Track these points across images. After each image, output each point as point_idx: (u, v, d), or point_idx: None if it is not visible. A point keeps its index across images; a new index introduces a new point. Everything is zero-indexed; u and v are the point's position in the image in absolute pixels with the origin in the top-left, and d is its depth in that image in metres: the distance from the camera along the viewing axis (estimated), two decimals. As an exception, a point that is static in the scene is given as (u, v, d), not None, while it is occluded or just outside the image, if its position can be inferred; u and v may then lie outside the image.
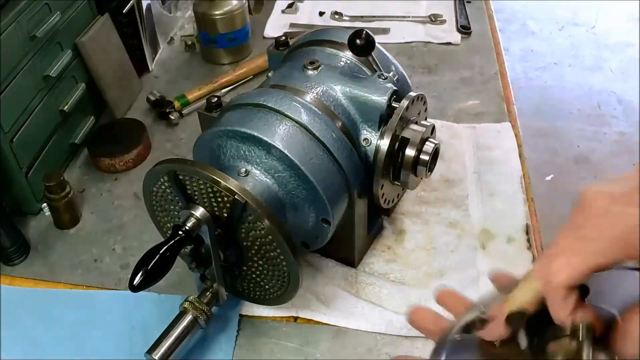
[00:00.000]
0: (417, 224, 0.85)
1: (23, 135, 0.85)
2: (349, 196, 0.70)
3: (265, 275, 0.67)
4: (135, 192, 0.93)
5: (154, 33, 1.23)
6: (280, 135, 0.65)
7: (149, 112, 1.10)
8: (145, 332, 0.72)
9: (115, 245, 0.85)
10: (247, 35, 1.23)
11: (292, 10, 1.38)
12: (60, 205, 0.85)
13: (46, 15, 0.90)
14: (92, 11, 1.03)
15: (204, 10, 1.17)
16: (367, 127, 0.71)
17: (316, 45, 0.79)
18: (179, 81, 1.18)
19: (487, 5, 1.38)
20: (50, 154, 0.93)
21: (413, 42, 1.26)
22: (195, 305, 0.67)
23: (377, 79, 0.71)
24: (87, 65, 1.00)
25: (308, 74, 0.72)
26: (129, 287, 0.59)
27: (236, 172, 0.66)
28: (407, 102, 0.70)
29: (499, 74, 1.15)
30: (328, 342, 0.72)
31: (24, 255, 0.84)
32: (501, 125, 1.01)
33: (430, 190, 0.90)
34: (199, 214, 0.62)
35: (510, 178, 0.91)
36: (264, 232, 0.62)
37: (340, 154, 0.67)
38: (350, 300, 0.75)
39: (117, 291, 0.79)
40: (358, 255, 0.79)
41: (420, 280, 0.78)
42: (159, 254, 0.60)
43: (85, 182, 0.96)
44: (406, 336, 0.71)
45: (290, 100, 0.68)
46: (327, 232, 0.70)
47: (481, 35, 1.27)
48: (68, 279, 0.81)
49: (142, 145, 0.99)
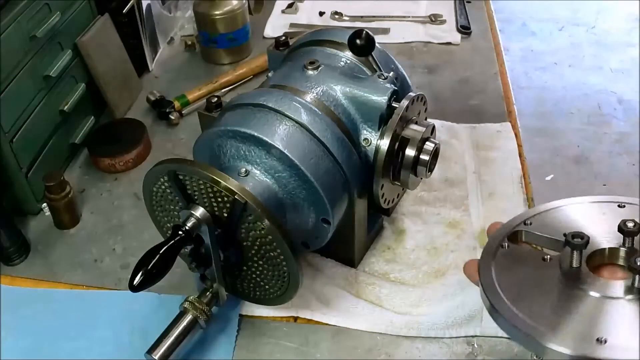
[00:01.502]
0: (417, 224, 0.85)
1: (23, 135, 0.85)
2: (349, 196, 0.70)
3: (265, 275, 0.67)
4: (135, 192, 0.93)
5: (154, 33, 1.23)
6: (280, 135, 0.65)
7: (149, 112, 1.10)
8: (145, 332, 0.72)
9: (115, 245, 0.85)
10: (247, 35, 1.23)
11: (292, 10, 1.38)
12: (60, 205, 0.85)
13: (46, 15, 0.90)
14: (92, 11, 1.03)
15: (204, 10, 1.17)
16: (367, 127, 0.71)
17: (316, 45, 0.79)
18: (179, 81, 1.18)
19: (487, 5, 1.38)
20: (50, 154, 0.93)
21: (413, 42, 1.26)
22: (195, 305, 0.67)
23: (377, 79, 0.71)
24: (87, 65, 1.00)
25: (308, 74, 0.72)
26: (129, 287, 0.59)
27: (236, 172, 0.66)
28: (407, 102, 0.70)
29: (499, 74, 1.15)
30: (328, 342, 0.72)
31: (24, 255, 0.84)
32: (501, 125, 1.01)
33: (430, 190, 0.90)
34: (199, 214, 0.62)
35: (510, 178, 0.91)
36: (264, 232, 0.62)
37: (340, 154, 0.67)
38: (350, 300, 0.75)
39: (117, 291, 0.79)
40: (358, 255, 0.79)
41: (420, 280, 0.78)
42: (159, 254, 0.60)
43: (85, 182, 0.96)
44: (406, 336, 0.71)
45: (290, 100, 0.68)
46: (327, 232, 0.70)
47: (481, 35, 1.27)
48: (68, 279, 0.81)
49: (142, 145, 0.99)
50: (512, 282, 0.52)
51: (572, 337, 0.45)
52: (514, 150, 0.96)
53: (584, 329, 0.46)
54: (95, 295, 0.79)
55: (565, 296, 0.50)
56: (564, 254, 0.52)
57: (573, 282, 0.50)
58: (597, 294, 0.48)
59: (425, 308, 0.74)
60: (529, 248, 0.56)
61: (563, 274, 0.51)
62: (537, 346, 0.46)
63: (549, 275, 0.52)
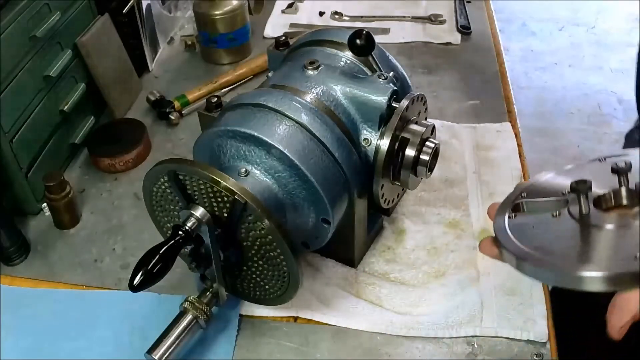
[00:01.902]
0: (417, 224, 0.85)
1: (23, 135, 0.85)
2: (349, 196, 0.70)
3: (265, 275, 0.67)
4: (135, 192, 0.93)
5: (154, 33, 1.23)
6: (280, 135, 0.65)
7: (149, 112, 1.10)
8: (145, 332, 0.72)
9: (115, 245, 0.85)
10: (247, 35, 1.23)
11: (292, 10, 1.38)
12: (60, 205, 0.85)
13: (46, 15, 0.89)
14: (92, 11, 1.03)
15: (204, 10, 1.17)
16: (367, 127, 0.71)
17: (316, 45, 0.79)
18: (179, 81, 1.18)
19: (487, 5, 1.38)
20: (50, 154, 0.93)
21: (413, 42, 1.26)
22: (195, 305, 0.67)
23: (377, 79, 0.71)
24: (87, 65, 1.00)
25: (308, 74, 0.72)
26: (129, 287, 0.59)
27: (236, 172, 0.66)
28: (407, 102, 0.70)
29: (499, 74, 1.15)
30: (328, 342, 0.72)
31: (24, 255, 0.84)
32: (501, 125, 1.01)
33: (430, 190, 0.90)
34: (199, 214, 0.62)
35: (510, 178, 0.91)
36: (264, 232, 0.62)
37: (340, 154, 0.67)
38: (350, 300, 0.75)
39: (117, 291, 0.79)
40: (358, 255, 0.79)
41: (420, 280, 0.78)
42: (159, 254, 0.60)
43: (85, 182, 0.96)
44: (406, 336, 0.71)
45: (290, 100, 0.68)
46: (327, 232, 0.70)
47: (481, 35, 1.27)
48: (68, 279, 0.81)
49: (142, 145, 0.99)
50: (531, 240, 0.53)
51: (605, 260, 0.47)
52: (514, 150, 0.96)
53: (612, 253, 0.48)
54: (95, 295, 0.79)
55: (584, 238, 0.52)
56: (571, 204, 0.54)
57: (587, 225, 0.51)
58: (613, 226, 0.50)
59: (425, 308, 0.74)
60: (536, 213, 0.58)
61: (576, 222, 0.53)
62: (572, 279, 0.47)
63: (563, 227, 0.54)
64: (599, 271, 0.45)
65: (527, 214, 0.59)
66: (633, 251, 0.45)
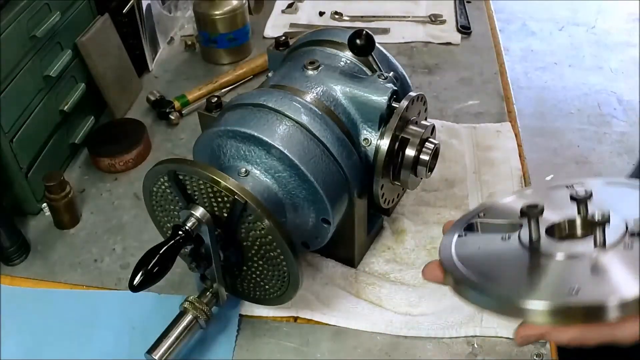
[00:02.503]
0: (417, 224, 0.85)
1: (23, 135, 0.85)
2: (349, 196, 0.70)
3: (265, 275, 0.67)
4: (135, 192, 0.93)
5: (154, 33, 1.23)
6: (280, 135, 0.65)
7: (149, 112, 1.10)
8: (145, 332, 0.72)
9: (115, 245, 0.85)
10: (247, 35, 1.23)
11: (292, 10, 1.38)
12: (60, 205, 0.85)
13: (46, 15, 0.89)
14: (92, 11, 1.03)
15: (204, 10, 1.17)
16: (367, 127, 0.71)
17: (316, 45, 0.79)
18: (179, 81, 1.18)
19: (487, 5, 1.38)
20: (50, 154, 0.93)
21: (413, 42, 1.26)
22: (195, 305, 0.67)
23: (377, 79, 0.71)
24: (87, 65, 1.00)
25: (308, 74, 0.72)
26: (129, 287, 0.59)
27: (236, 172, 0.66)
28: (407, 102, 0.70)
29: (499, 74, 1.15)
30: (328, 342, 0.72)
31: (24, 255, 0.84)
32: (501, 125, 1.01)
33: (430, 190, 0.90)
34: (199, 214, 0.62)
35: (510, 178, 0.91)
36: (264, 232, 0.62)
37: (340, 154, 0.67)
38: (350, 300, 0.75)
39: (117, 291, 0.79)
40: (358, 255, 0.79)
41: (420, 280, 0.78)
42: (159, 254, 0.60)
43: (85, 182, 0.96)
44: (406, 336, 0.71)
45: (290, 100, 0.68)
46: (327, 232, 0.70)
47: (481, 35, 1.27)
48: (68, 279, 0.81)
49: (142, 145, 0.99)
50: (476, 263, 0.52)
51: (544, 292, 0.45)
52: (514, 150, 0.96)
53: (553, 285, 0.46)
54: (95, 295, 0.79)
55: (531, 265, 0.50)
56: (522, 228, 0.52)
57: (536, 252, 0.50)
58: (563, 255, 0.48)
59: (425, 308, 0.74)
60: (487, 234, 0.57)
61: (525, 248, 0.51)
62: (513, 309, 0.45)
63: (511, 252, 0.52)
64: (537, 302, 0.43)
65: (479, 234, 0.57)
66: (573, 284, 0.44)
